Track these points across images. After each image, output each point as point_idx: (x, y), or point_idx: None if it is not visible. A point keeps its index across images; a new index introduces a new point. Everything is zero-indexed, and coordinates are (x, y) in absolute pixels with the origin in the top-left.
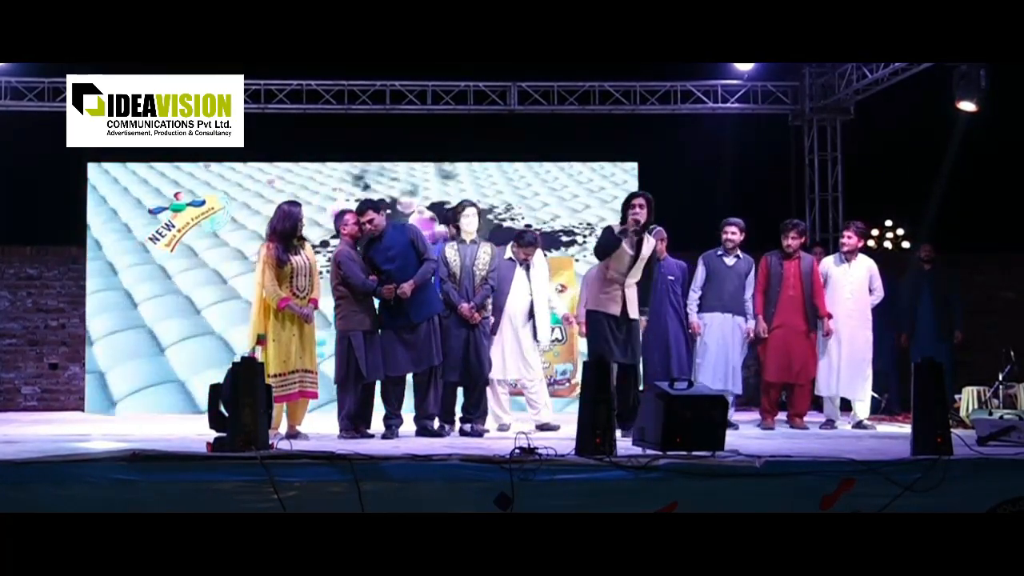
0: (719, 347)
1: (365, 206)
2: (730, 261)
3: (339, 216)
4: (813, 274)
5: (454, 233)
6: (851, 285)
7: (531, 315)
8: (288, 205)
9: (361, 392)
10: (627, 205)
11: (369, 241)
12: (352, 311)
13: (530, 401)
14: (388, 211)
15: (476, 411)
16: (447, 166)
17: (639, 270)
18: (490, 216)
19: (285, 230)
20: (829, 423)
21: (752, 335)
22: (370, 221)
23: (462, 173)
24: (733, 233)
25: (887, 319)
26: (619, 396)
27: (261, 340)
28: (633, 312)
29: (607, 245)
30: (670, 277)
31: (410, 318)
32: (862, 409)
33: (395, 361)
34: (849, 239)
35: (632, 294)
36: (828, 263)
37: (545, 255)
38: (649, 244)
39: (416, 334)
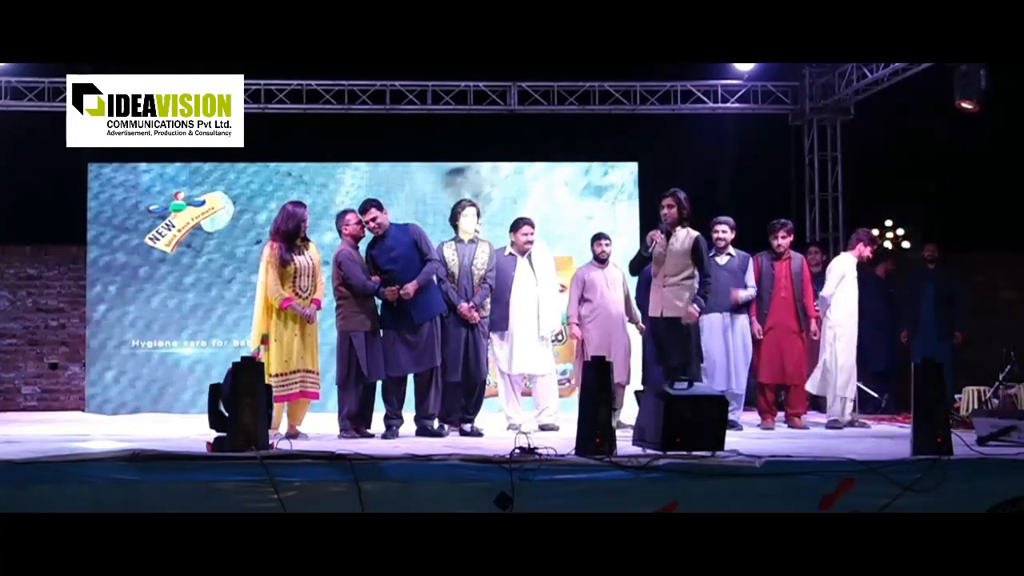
0: (720, 349)
1: (368, 204)
2: (722, 260)
3: (340, 216)
4: (803, 274)
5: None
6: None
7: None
8: (292, 205)
9: (362, 392)
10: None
11: (372, 240)
12: (353, 312)
13: (536, 400)
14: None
15: (475, 411)
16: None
17: (669, 264)
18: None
19: (288, 230)
20: (833, 423)
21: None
22: (373, 219)
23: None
24: (724, 232)
25: (887, 319)
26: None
27: (265, 340)
28: (668, 311)
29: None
30: None
31: (412, 319)
32: (847, 407)
33: (396, 361)
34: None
35: (669, 292)
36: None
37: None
38: (679, 235)
39: (418, 334)
